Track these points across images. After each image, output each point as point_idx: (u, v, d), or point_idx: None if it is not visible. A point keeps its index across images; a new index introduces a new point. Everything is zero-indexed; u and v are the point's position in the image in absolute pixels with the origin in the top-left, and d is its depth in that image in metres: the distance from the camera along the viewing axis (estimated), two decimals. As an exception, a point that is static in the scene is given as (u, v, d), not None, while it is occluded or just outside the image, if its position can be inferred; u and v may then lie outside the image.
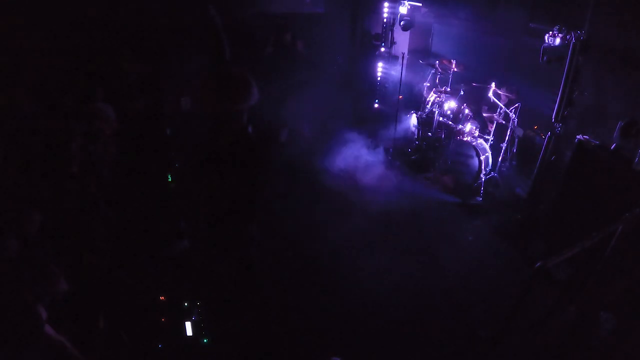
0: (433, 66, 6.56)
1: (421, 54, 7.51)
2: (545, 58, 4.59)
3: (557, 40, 4.46)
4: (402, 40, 7.75)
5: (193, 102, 6.20)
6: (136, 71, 5.36)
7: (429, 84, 6.71)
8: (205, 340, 3.29)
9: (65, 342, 2.54)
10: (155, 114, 5.85)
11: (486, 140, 6.00)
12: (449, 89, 6.37)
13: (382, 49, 7.77)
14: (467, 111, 6.10)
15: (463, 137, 6.02)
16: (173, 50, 5.78)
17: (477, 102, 6.40)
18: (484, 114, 6.24)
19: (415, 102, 7.24)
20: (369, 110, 7.94)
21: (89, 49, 4.94)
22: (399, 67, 6.87)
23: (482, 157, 5.67)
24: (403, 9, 6.87)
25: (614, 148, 3.89)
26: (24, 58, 4.26)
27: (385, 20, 7.65)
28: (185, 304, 3.48)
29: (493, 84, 5.99)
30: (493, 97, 5.85)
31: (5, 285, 2.44)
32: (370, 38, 8.17)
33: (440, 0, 7.16)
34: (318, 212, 5.20)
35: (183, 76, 5.99)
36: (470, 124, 6.12)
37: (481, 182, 5.74)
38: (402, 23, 6.95)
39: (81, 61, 4.73)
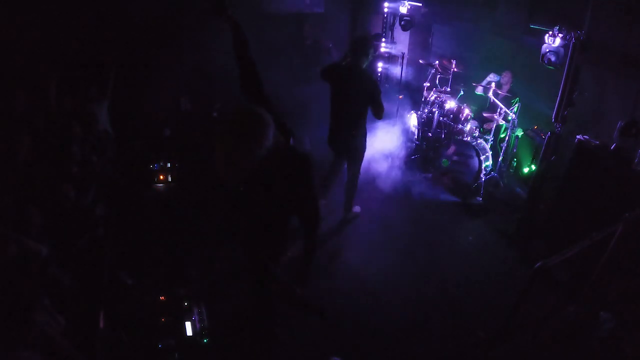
0: (433, 66, 6.55)
1: (421, 54, 7.51)
2: (545, 58, 4.59)
3: (557, 41, 4.46)
4: (402, 40, 7.74)
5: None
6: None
7: (429, 84, 6.71)
8: (205, 341, 3.28)
9: (64, 342, 2.54)
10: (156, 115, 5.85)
11: (486, 141, 6.00)
12: (449, 89, 6.37)
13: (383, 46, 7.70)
14: (467, 111, 6.10)
15: (463, 137, 6.03)
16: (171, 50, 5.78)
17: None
18: (484, 114, 6.25)
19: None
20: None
21: (88, 48, 4.94)
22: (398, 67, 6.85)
23: (482, 157, 5.67)
24: (403, 9, 6.87)
25: (614, 148, 3.89)
26: (23, 58, 4.25)
27: (385, 20, 7.65)
28: (186, 304, 3.48)
29: (493, 84, 6.00)
30: (493, 97, 5.85)
31: (4, 285, 2.44)
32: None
33: (441, 0, 7.15)
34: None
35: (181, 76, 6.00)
36: (470, 124, 6.12)
37: (481, 182, 5.74)
38: (402, 23, 6.94)
39: (80, 61, 4.73)
